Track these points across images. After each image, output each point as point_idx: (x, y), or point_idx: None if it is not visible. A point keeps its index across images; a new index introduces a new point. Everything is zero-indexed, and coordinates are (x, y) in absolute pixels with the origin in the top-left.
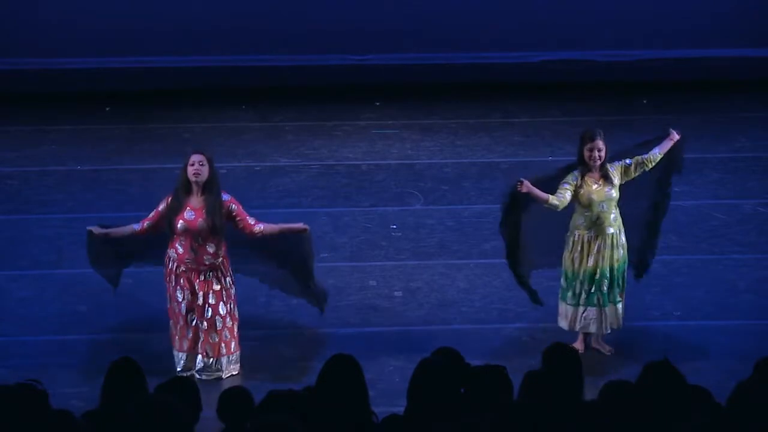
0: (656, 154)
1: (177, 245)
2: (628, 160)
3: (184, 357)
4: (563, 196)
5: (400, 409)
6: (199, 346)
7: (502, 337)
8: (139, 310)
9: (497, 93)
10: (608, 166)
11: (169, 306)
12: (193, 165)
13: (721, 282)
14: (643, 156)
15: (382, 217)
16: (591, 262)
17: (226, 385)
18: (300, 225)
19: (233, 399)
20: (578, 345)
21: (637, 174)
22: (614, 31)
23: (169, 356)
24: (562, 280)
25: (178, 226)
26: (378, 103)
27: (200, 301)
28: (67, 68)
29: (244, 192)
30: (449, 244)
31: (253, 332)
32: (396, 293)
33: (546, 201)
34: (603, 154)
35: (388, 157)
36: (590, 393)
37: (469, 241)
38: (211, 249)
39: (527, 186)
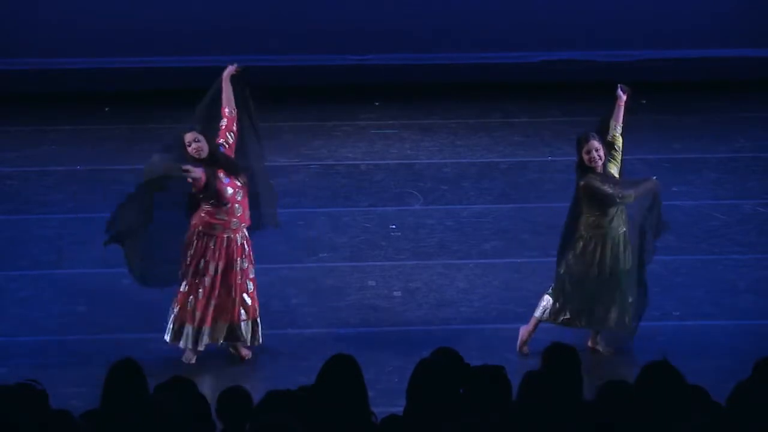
0: (616, 128)
1: (217, 215)
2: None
3: (208, 330)
4: (625, 190)
5: (399, 409)
6: (230, 313)
7: (501, 337)
8: (139, 311)
9: (497, 93)
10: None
11: (184, 289)
12: (191, 145)
13: (720, 282)
14: (608, 138)
15: (382, 217)
16: (603, 266)
17: (226, 383)
18: (229, 68)
19: (232, 399)
20: (592, 344)
21: (618, 155)
22: (614, 31)
23: (170, 356)
24: (567, 284)
25: (229, 192)
26: (377, 103)
27: (237, 268)
28: (66, 68)
29: None
30: (448, 244)
31: None
32: (395, 293)
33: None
34: (602, 153)
35: (388, 157)
36: (589, 393)
37: (469, 241)
38: (246, 203)
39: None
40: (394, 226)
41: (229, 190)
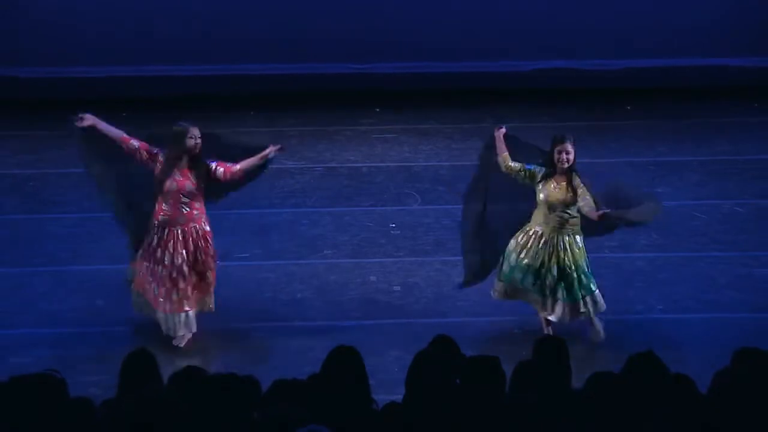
0: (593, 213)
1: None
2: (587, 197)
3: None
4: (515, 164)
5: (398, 397)
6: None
7: (496, 329)
8: None
9: (490, 99)
10: (578, 178)
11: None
12: (194, 139)
13: (701, 278)
14: (593, 208)
15: (382, 217)
16: (540, 258)
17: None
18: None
19: (240, 387)
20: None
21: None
22: (602, 41)
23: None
24: (505, 263)
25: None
26: (377, 109)
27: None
28: (84, 76)
29: (252, 192)
30: (445, 242)
31: (260, 324)
32: (395, 288)
33: (500, 154)
34: (571, 157)
35: (387, 159)
36: (577, 382)
37: None
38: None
39: (499, 134)
40: (393, 225)
41: (174, 186)
